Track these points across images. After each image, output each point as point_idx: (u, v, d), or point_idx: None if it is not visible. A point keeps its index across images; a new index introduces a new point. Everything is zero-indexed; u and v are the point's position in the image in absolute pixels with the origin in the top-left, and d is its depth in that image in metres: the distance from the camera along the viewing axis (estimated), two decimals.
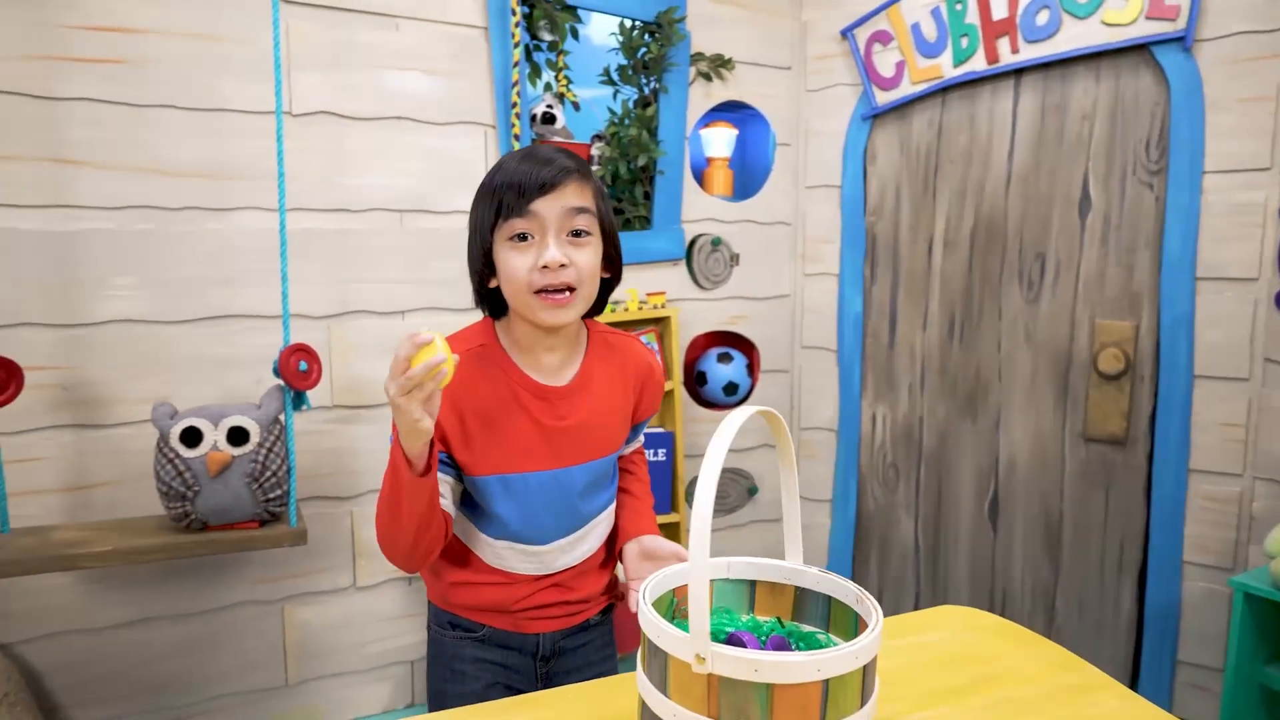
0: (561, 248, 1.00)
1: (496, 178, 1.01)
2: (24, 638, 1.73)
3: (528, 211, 0.98)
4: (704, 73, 2.30)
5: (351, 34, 1.91)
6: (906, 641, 1.04)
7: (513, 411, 1.06)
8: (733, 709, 0.68)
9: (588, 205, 1.02)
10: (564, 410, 1.08)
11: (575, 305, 1.02)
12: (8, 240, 1.65)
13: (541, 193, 0.98)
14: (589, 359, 1.12)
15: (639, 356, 1.19)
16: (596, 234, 1.04)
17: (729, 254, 2.41)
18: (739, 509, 2.53)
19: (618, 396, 1.15)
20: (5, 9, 1.62)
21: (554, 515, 1.10)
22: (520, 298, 1.01)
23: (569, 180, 1.00)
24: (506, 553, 1.10)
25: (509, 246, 1.00)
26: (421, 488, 0.94)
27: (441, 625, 1.17)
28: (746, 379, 2.47)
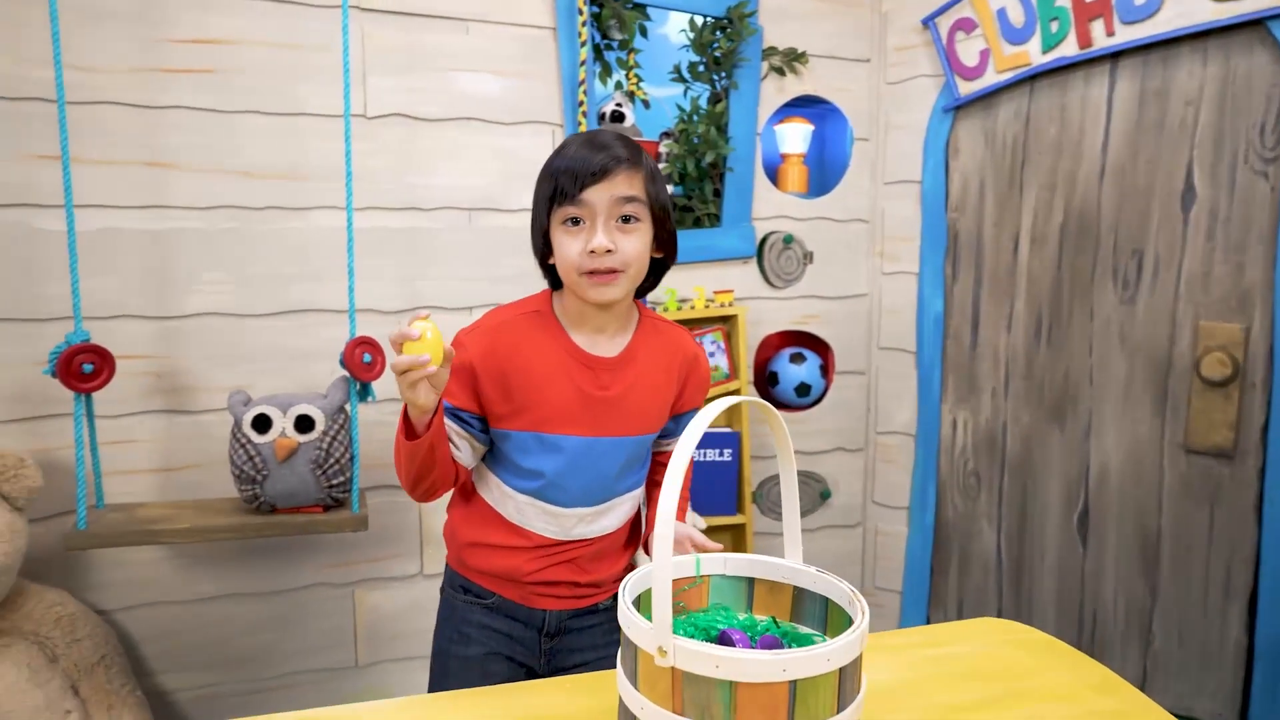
0: (609, 234, 1.06)
1: (555, 163, 1.08)
2: (121, 605, 1.87)
3: (579, 199, 1.05)
4: (777, 67, 2.26)
5: (423, 38, 1.97)
6: (935, 652, 0.99)
7: (558, 375, 1.12)
8: (696, 705, 0.66)
9: (636, 194, 1.07)
10: (607, 380, 1.13)
11: (620, 284, 1.09)
12: (111, 239, 1.79)
13: (593, 180, 1.04)
14: (637, 338, 1.17)
15: (686, 346, 1.23)
16: (646, 220, 1.10)
17: (802, 252, 2.36)
18: (810, 513, 2.46)
19: (661, 379, 1.18)
20: (115, 27, 1.75)
21: (581, 481, 1.15)
22: (570, 277, 1.09)
23: (619, 169, 1.05)
24: (529, 509, 1.16)
25: (562, 230, 1.08)
26: (416, 447, 1.02)
27: (454, 588, 1.23)
28: (820, 380, 2.41)
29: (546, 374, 1.12)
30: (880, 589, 2.52)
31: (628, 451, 1.16)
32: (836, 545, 2.50)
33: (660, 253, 1.16)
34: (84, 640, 1.74)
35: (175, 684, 1.92)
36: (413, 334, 0.92)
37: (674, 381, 1.21)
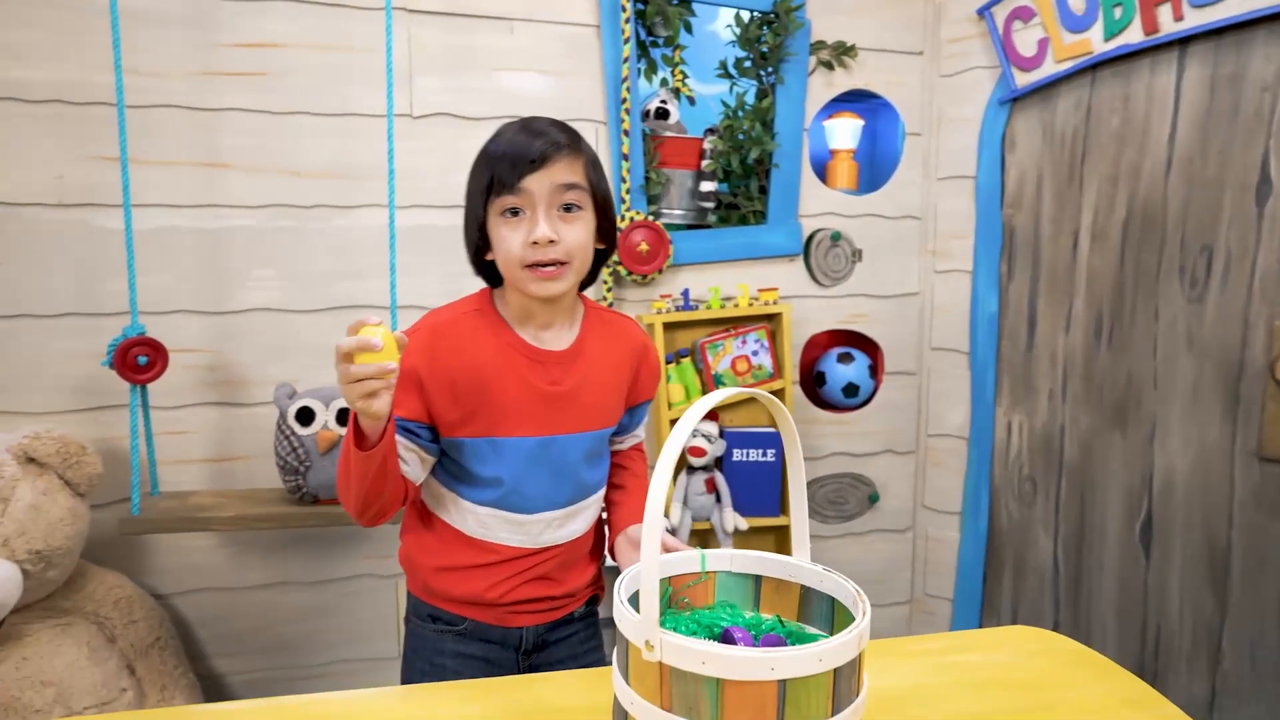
0: (552, 223, 1.00)
1: (491, 150, 1.03)
2: (176, 590, 1.94)
3: (518, 188, 0.99)
4: (825, 62, 2.22)
5: (469, 38, 1.99)
6: (957, 659, 0.95)
7: (506, 374, 1.06)
8: (684, 701, 0.64)
9: (578, 180, 1.02)
10: (558, 375, 1.08)
11: (566, 278, 1.03)
12: (168, 237, 1.86)
13: (532, 168, 0.99)
14: (585, 330, 1.12)
15: (634, 336, 1.18)
16: (588, 208, 1.04)
17: (850, 249, 2.31)
18: (858, 517, 2.41)
19: (613, 371, 1.14)
20: (173, 33, 1.82)
21: (541, 484, 1.09)
22: (512, 271, 1.03)
23: (559, 155, 1.00)
24: (491, 521, 1.09)
25: (501, 221, 1.02)
26: (369, 460, 0.94)
27: (421, 618, 1.16)
28: (868, 380, 2.35)
29: (494, 374, 1.05)
30: (931, 596, 2.45)
31: (588, 447, 1.11)
32: (886, 550, 2.44)
33: (602, 243, 1.10)
34: (140, 622, 1.80)
35: (226, 668, 1.99)
36: (375, 344, 0.84)
37: (626, 372, 1.16)
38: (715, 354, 2.11)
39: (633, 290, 2.16)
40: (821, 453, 2.35)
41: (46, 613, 1.68)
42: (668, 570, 0.82)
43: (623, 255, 2.06)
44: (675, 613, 0.81)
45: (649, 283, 2.14)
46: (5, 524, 1.57)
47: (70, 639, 1.67)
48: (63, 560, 1.65)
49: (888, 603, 2.46)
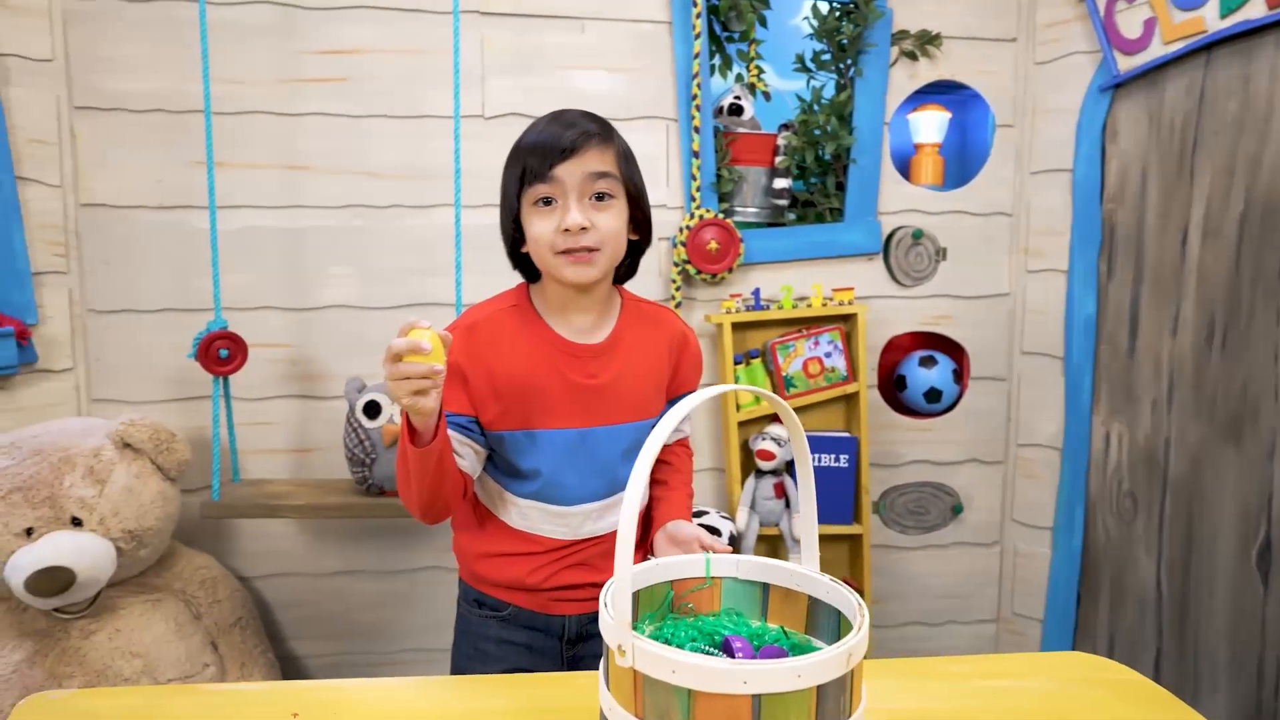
0: (584, 211, 1.01)
1: (523, 142, 1.04)
2: (259, 574, 2.04)
3: (550, 177, 1.00)
4: (908, 52, 2.13)
5: (540, 38, 2.01)
6: (999, 684, 0.88)
7: (542, 368, 1.07)
8: (656, 711, 0.62)
9: (609, 169, 1.03)
10: (594, 369, 1.08)
11: (598, 264, 1.04)
12: (254, 237, 1.95)
13: (563, 158, 1.00)
14: (621, 323, 1.12)
15: (674, 326, 1.17)
16: (620, 197, 1.05)
17: (934, 248, 2.20)
18: (940, 528, 2.29)
19: (651, 362, 1.13)
20: (260, 41, 1.92)
21: (581, 475, 1.09)
22: (545, 259, 1.04)
23: (590, 145, 1.01)
24: (532, 512, 1.11)
25: (534, 211, 1.03)
26: (425, 456, 0.95)
27: (469, 603, 1.20)
28: (952, 386, 2.24)
29: (531, 368, 1.07)
30: (1020, 615, 2.31)
31: (628, 439, 1.10)
32: (970, 564, 2.31)
33: (636, 235, 1.11)
34: (224, 602, 1.90)
35: (303, 650, 2.07)
36: (424, 346, 0.86)
37: (665, 364, 1.15)
38: (786, 355, 2.06)
39: (703, 289, 2.12)
40: (900, 460, 2.25)
41: (139, 589, 1.79)
42: (671, 573, 0.79)
43: (692, 254, 2.04)
44: (677, 617, 0.79)
45: (719, 282, 2.10)
46: (102, 504, 1.68)
47: (159, 614, 1.77)
48: (153, 540, 1.76)
49: (971, 620, 2.34)
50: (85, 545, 1.63)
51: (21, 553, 1.59)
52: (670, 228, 2.09)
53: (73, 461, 1.69)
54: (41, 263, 1.86)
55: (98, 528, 1.67)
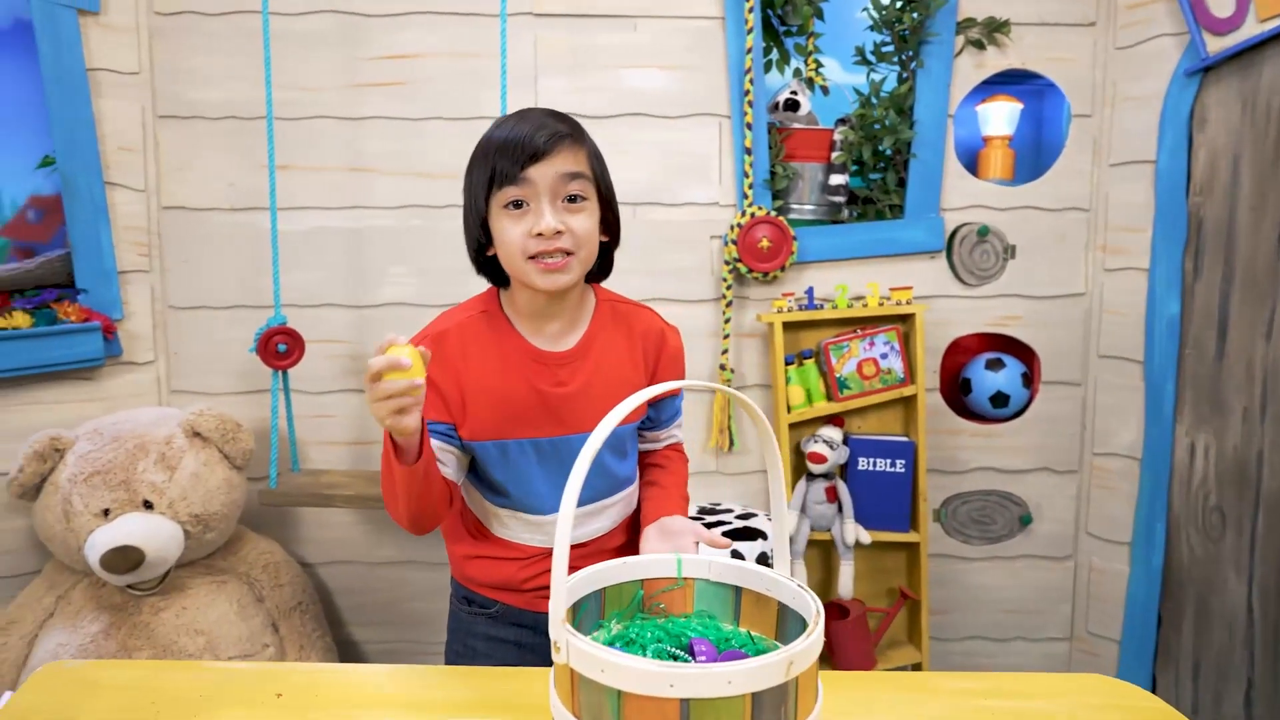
0: (557, 214, 0.98)
1: (491, 142, 1.00)
2: (320, 560, 2.13)
3: (521, 179, 0.97)
4: (974, 41, 2.03)
5: (592, 38, 2.02)
6: (1003, 704, 0.83)
7: (511, 378, 1.05)
8: (590, 710, 0.61)
9: (582, 170, 0.99)
10: (564, 376, 1.06)
11: (572, 269, 1.00)
12: (319, 237, 2.03)
13: (534, 160, 0.96)
14: (594, 326, 1.09)
15: (650, 324, 1.13)
16: (592, 198, 1.02)
17: (1002, 245, 2.10)
18: (1006, 539, 2.18)
19: (624, 365, 1.09)
20: (324, 49, 2.00)
21: (554, 484, 1.06)
22: (517, 264, 1.00)
23: (562, 145, 0.97)
24: (511, 522, 1.09)
25: (504, 214, 1.00)
26: (412, 474, 0.94)
27: (459, 600, 1.19)
28: (1021, 390, 2.13)
29: (500, 377, 1.04)
30: (1095, 635, 2.18)
31: (605, 446, 1.07)
32: (1039, 578, 2.19)
33: (606, 235, 1.07)
34: (286, 586, 1.99)
35: (360, 636, 2.14)
36: (404, 363, 0.83)
37: (642, 364, 1.11)
38: (839, 356, 2.00)
39: (756, 288, 2.09)
40: (964, 466, 2.15)
41: (206, 570, 1.89)
42: (640, 573, 0.78)
43: (743, 252, 2.01)
44: (646, 617, 0.77)
45: (772, 281, 2.06)
46: (171, 489, 1.78)
47: (224, 595, 1.87)
48: (219, 524, 1.86)
49: (1041, 637, 2.22)
50: (155, 527, 1.73)
51: (99, 532, 1.70)
52: (721, 225, 2.06)
53: (146, 448, 1.80)
54: (126, 262, 1.99)
55: (167, 511, 1.77)
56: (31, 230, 2.08)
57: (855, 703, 0.82)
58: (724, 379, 2.06)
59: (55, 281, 1.93)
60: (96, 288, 1.95)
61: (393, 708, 0.81)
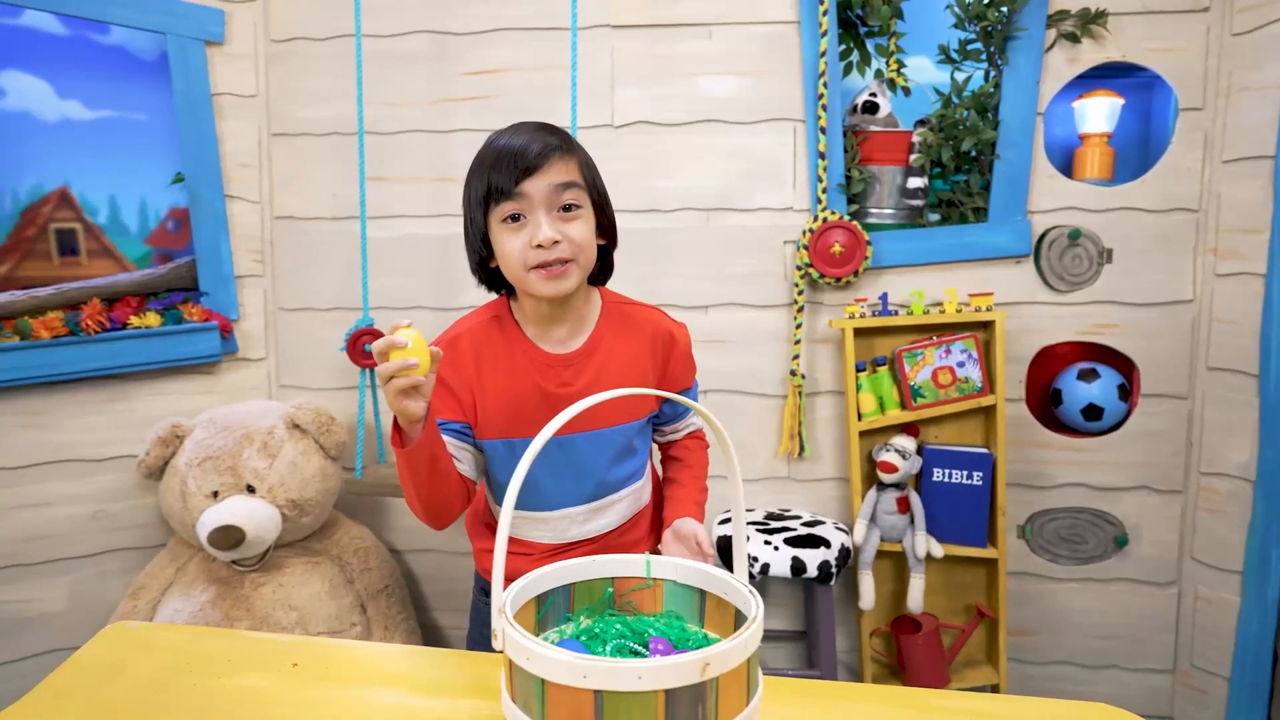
0: (553, 224, 1.02)
1: (485, 160, 1.05)
2: (407, 547, 2.26)
3: (517, 193, 1.01)
4: (1068, 34, 1.93)
5: (669, 47, 2.06)
6: None
7: (519, 379, 1.09)
8: (522, 695, 0.65)
9: (574, 179, 1.03)
10: (568, 377, 1.10)
11: (572, 275, 1.05)
12: (410, 243, 2.16)
13: (527, 175, 1.01)
14: (600, 328, 1.12)
15: (657, 325, 1.16)
16: (587, 205, 1.06)
17: (1096, 249, 1.98)
18: (1099, 560, 2.06)
19: (631, 365, 1.12)
20: (418, 68, 2.13)
21: (560, 481, 1.11)
22: (519, 275, 1.05)
23: (553, 157, 1.02)
24: (519, 521, 1.14)
25: (503, 229, 1.04)
26: (412, 457, 0.98)
27: (479, 591, 1.26)
28: (1118, 403, 2.00)
29: (508, 379, 1.09)
30: (1201, 670, 2.02)
31: (610, 444, 1.10)
32: (1137, 604, 2.05)
33: (603, 239, 1.11)
34: (375, 570, 2.13)
35: (443, 621, 2.27)
36: (400, 341, 0.90)
37: (649, 365, 1.13)
38: (913, 363, 1.95)
39: (831, 294, 2.06)
40: (1051, 482, 2.05)
41: (302, 552, 2.06)
42: (610, 570, 0.81)
43: (814, 257, 1.99)
44: (614, 614, 0.80)
45: (846, 286, 2.03)
46: (271, 475, 1.95)
47: (317, 575, 2.03)
48: (314, 509, 2.01)
49: (1140, 668, 2.07)
50: (255, 509, 1.90)
51: (208, 512, 1.89)
52: (795, 231, 2.05)
53: (251, 437, 1.97)
54: (243, 267, 2.19)
55: (266, 495, 1.94)
56: (170, 239, 2.31)
57: (826, 712, 0.82)
58: (795, 385, 2.04)
59: (181, 285, 2.15)
60: (216, 291, 2.16)
61: (398, 685, 0.88)
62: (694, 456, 1.26)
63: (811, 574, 1.80)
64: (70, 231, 2.20)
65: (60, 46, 2.11)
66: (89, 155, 2.16)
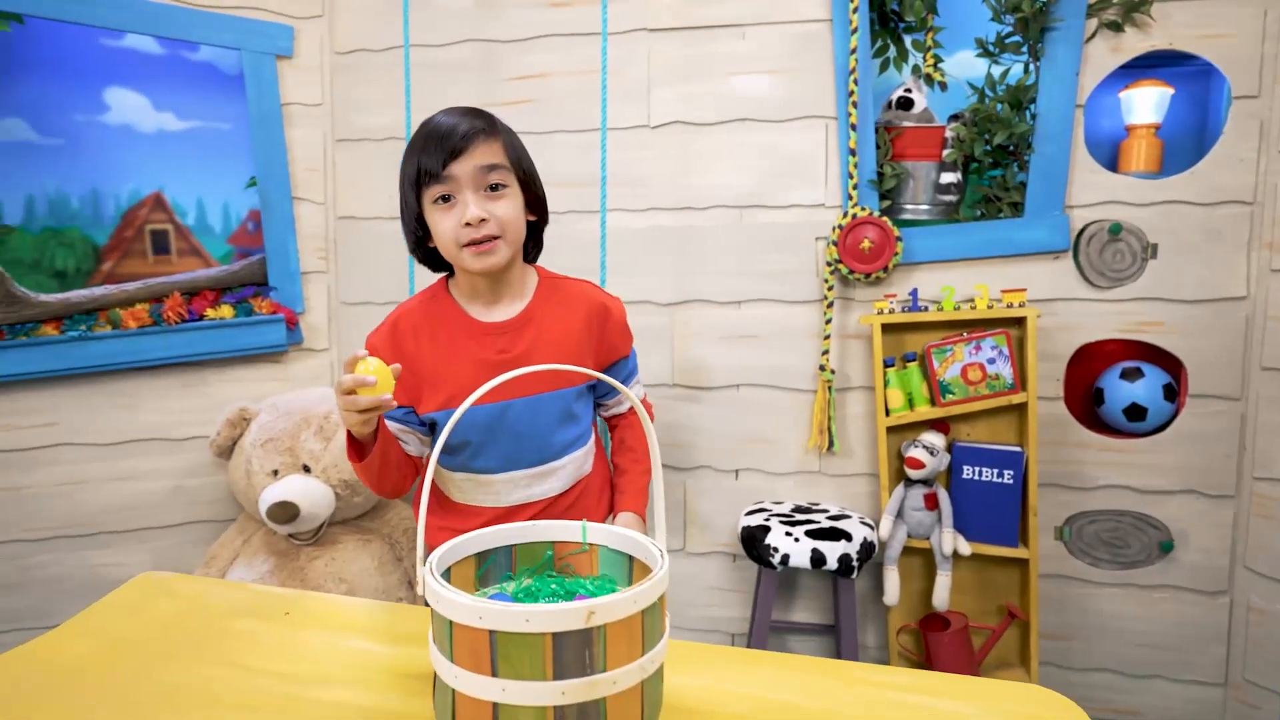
0: (480, 204, 1.10)
1: (414, 145, 1.13)
2: None
3: (445, 176, 1.09)
4: (1110, 23, 1.88)
5: (703, 48, 2.11)
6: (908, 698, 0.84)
7: (457, 351, 1.17)
8: (440, 638, 0.72)
9: (499, 161, 1.11)
10: (504, 344, 1.16)
11: (500, 251, 1.13)
12: None
13: (454, 157, 1.08)
14: (535, 300, 1.20)
15: (591, 297, 1.23)
16: (513, 184, 1.13)
17: (1140, 244, 1.92)
18: (1143, 565, 1.99)
19: (566, 334, 1.19)
20: (465, 74, 2.25)
21: (503, 446, 1.17)
22: (452, 253, 1.14)
23: (478, 139, 1.09)
24: (465, 484, 1.21)
25: (435, 209, 1.13)
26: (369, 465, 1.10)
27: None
28: (1162, 404, 1.94)
29: (446, 352, 1.16)
30: (1255, 684, 1.93)
31: (552, 409, 1.16)
32: (1183, 613, 1.98)
33: (533, 215, 1.18)
34: None
35: None
36: (368, 380, 0.96)
37: (584, 335, 1.20)
38: (942, 360, 1.94)
39: (863, 290, 2.07)
40: (1091, 483, 1.99)
41: (354, 529, 2.20)
42: (550, 535, 0.88)
43: (844, 253, 2.00)
44: (552, 575, 0.87)
45: (877, 282, 2.04)
46: (325, 457, 2.10)
47: (367, 552, 2.17)
48: (365, 490, 2.15)
49: (1187, 679, 1.99)
50: (310, 488, 2.05)
51: (268, 489, 2.05)
52: (827, 227, 2.07)
53: (309, 421, 2.13)
54: (308, 264, 2.36)
55: (321, 475, 2.09)
56: (249, 238, 2.51)
57: (761, 681, 0.87)
58: (824, 380, 2.06)
59: (253, 280, 2.34)
60: (284, 286, 2.33)
61: (371, 635, 0.97)
62: (631, 436, 1.34)
63: (831, 566, 1.82)
64: (163, 232, 2.41)
65: (156, 64, 2.33)
66: (179, 162, 2.37)
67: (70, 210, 2.25)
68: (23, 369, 2.05)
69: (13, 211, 2.17)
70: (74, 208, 2.26)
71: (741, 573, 2.23)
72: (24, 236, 2.20)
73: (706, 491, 2.23)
